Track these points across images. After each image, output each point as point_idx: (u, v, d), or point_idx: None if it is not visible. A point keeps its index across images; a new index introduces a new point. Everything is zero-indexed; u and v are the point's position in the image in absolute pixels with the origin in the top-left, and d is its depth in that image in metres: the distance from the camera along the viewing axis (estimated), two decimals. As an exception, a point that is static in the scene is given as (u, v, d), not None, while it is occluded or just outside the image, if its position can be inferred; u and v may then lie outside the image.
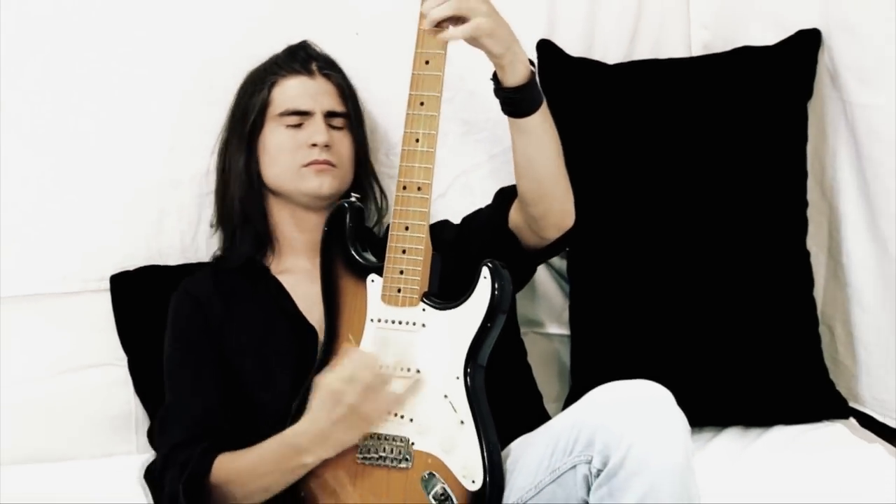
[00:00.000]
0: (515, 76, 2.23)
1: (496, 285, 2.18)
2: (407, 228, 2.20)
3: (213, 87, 2.69)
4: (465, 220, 2.56)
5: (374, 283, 2.23)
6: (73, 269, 2.68)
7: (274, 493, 2.22)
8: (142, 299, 2.66)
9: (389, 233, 2.23)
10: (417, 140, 2.20)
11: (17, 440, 2.65)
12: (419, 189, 2.20)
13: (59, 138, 2.70)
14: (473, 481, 2.11)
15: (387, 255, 2.22)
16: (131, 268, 2.68)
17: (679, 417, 2.05)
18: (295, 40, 2.65)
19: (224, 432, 2.30)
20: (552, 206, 2.36)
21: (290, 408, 2.32)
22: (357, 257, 2.28)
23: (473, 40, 2.19)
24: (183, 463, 2.24)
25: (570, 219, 2.41)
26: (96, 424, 2.69)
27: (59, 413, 2.69)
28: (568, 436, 2.06)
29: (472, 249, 2.36)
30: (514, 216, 2.41)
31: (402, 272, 2.20)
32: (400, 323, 2.20)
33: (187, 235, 2.73)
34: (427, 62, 2.20)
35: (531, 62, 2.28)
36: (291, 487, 2.22)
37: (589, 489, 2.02)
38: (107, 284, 2.67)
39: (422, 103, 2.20)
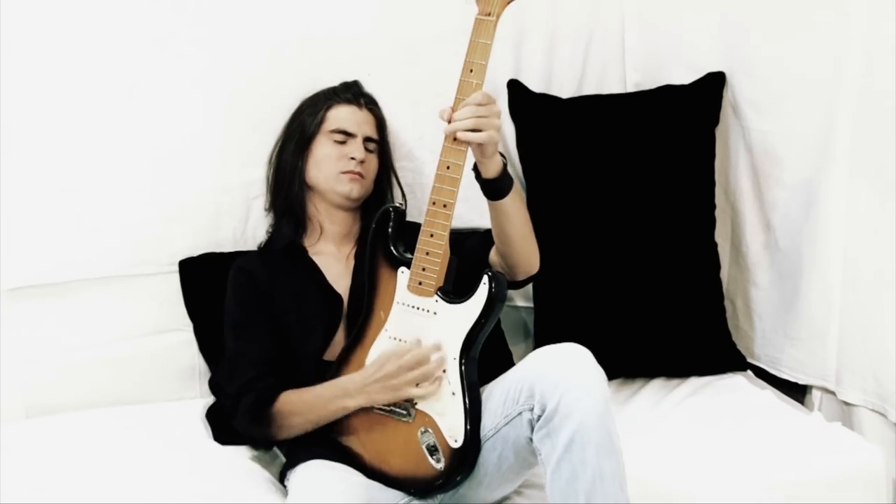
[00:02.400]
0: (490, 172, 2.21)
1: (493, 291, 2.18)
2: (432, 235, 2.19)
3: (256, 114, 2.69)
4: (467, 235, 2.49)
5: (403, 274, 2.24)
6: (149, 256, 2.69)
7: (319, 426, 2.27)
8: (203, 279, 2.68)
9: (419, 237, 2.22)
10: (448, 167, 2.18)
11: (107, 388, 2.67)
12: (445, 206, 2.19)
13: (140, 153, 2.68)
14: (456, 440, 2.15)
15: (414, 255, 2.22)
16: (195, 254, 2.70)
17: (598, 372, 2.09)
18: (320, 80, 2.65)
19: (278, 373, 2.34)
20: (520, 260, 2.34)
21: (321, 353, 2.40)
22: (394, 252, 2.27)
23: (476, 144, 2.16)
24: (256, 391, 2.30)
25: (535, 269, 2.38)
26: (168, 376, 2.71)
27: (139, 367, 2.70)
28: (517, 388, 2.12)
29: (469, 258, 2.34)
30: (493, 257, 2.38)
31: (424, 269, 2.21)
32: (418, 308, 2.21)
33: (238, 230, 2.73)
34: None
35: (503, 157, 2.25)
36: (338, 434, 2.27)
37: (532, 429, 2.09)
38: (176, 268, 2.69)
39: (455, 138, 2.15)
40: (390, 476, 2.23)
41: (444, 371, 2.18)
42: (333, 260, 2.54)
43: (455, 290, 2.23)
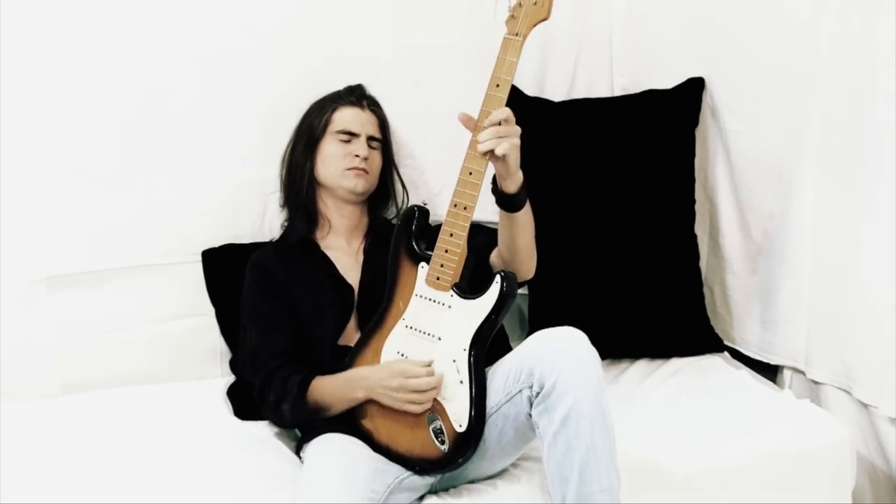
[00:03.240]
0: (511, 188, 2.20)
1: (504, 289, 2.17)
2: (451, 235, 2.19)
3: (271, 118, 2.70)
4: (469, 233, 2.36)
5: (423, 268, 2.23)
6: (175, 247, 2.71)
7: (338, 412, 2.26)
8: (224, 268, 2.70)
9: (439, 235, 2.21)
10: (471, 173, 2.18)
11: (137, 367, 2.70)
12: (465, 209, 2.18)
13: (168, 155, 2.69)
14: (461, 425, 2.14)
15: (434, 251, 2.22)
16: (216, 245, 2.72)
17: (593, 354, 2.10)
18: (330, 86, 2.65)
19: (297, 361, 2.35)
20: (521, 267, 2.33)
21: (335, 339, 2.40)
22: (416, 248, 2.27)
23: (495, 158, 2.15)
24: (285, 378, 2.29)
25: (531, 275, 2.38)
26: (192, 356, 2.73)
27: (166, 348, 2.72)
28: (517, 368, 2.12)
29: (476, 254, 2.30)
30: (494, 258, 2.39)
31: (442, 265, 2.20)
32: (434, 301, 2.21)
33: (255, 223, 2.74)
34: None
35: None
36: (352, 411, 2.26)
37: (531, 405, 2.09)
38: (199, 257, 2.71)
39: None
40: (398, 453, 2.22)
41: (455, 361, 2.17)
42: (343, 254, 2.54)
43: (470, 285, 2.23)
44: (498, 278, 2.19)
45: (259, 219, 2.76)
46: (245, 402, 2.49)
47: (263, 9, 2.74)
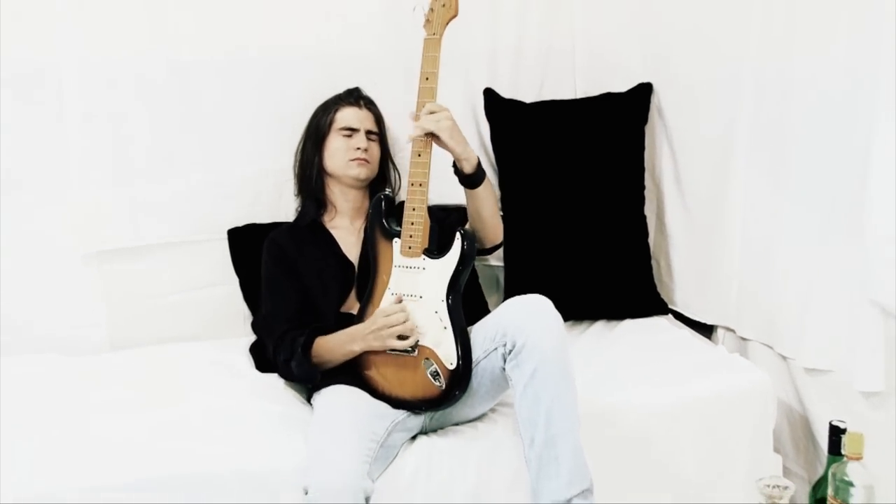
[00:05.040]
0: (468, 168, 2.25)
1: (465, 245, 2.20)
2: (414, 210, 2.22)
3: (284, 117, 2.70)
4: (447, 208, 2.49)
5: (397, 242, 2.24)
6: (205, 226, 2.73)
7: (337, 363, 2.27)
8: (246, 244, 2.69)
9: (404, 212, 2.23)
10: (419, 154, 2.23)
11: (174, 328, 2.72)
12: (420, 185, 2.22)
13: (197, 148, 2.72)
14: (451, 363, 2.16)
15: (402, 227, 2.24)
16: (240, 225, 2.73)
17: (557, 316, 2.11)
18: (334, 88, 2.65)
19: (305, 324, 2.34)
20: (488, 234, 2.37)
21: (338, 307, 2.39)
22: (388, 227, 2.27)
23: (440, 143, 2.21)
24: (293, 340, 2.29)
25: (500, 240, 2.40)
26: (219, 319, 2.75)
27: (198, 311, 2.75)
28: (493, 329, 2.14)
29: (450, 224, 2.31)
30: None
31: (411, 236, 2.22)
32: (410, 267, 2.22)
33: (273, 206, 2.74)
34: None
35: (477, 157, 2.27)
36: (354, 360, 2.25)
37: (505, 361, 2.11)
38: (225, 235, 2.72)
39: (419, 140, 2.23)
40: (403, 399, 2.21)
41: (436, 312, 2.18)
42: (346, 233, 2.53)
43: (438, 247, 2.24)
44: (458, 236, 2.21)
45: (276, 202, 2.76)
46: (264, 357, 2.49)
47: (278, 28, 2.75)
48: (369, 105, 2.64)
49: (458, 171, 2.28)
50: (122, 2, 2.61)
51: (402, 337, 2.18)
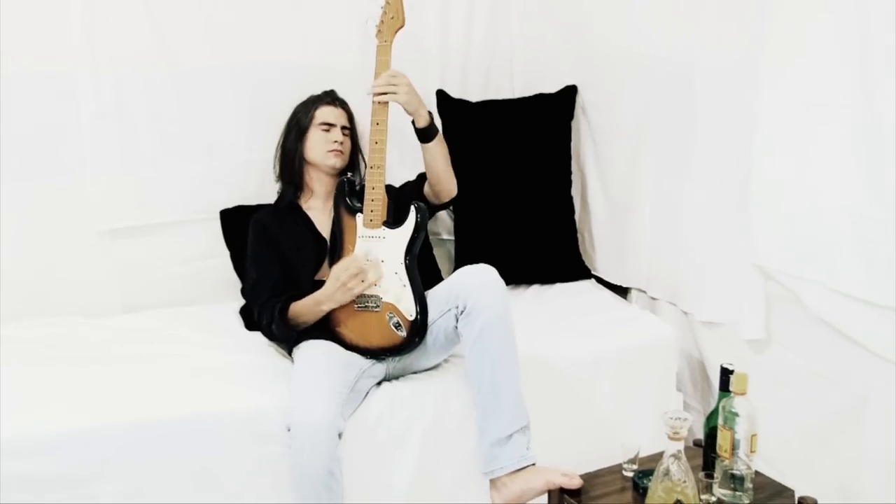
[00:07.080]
0: (420, 122, 2.23)
1: (418, 216, 2.19)
2: (373, 188, 2.21)
3: (269, 115, 2.64)
4: (403, 185, 2.49)
5: (359, 217, 2.22)
6: (201, 207, 2.71)
7: (312, 322, 2.23)
8: (236, 222, 2.67)
9: (365, 190, 2.21)
10: (377, 124, 2.20)
11: (175, 293, 2.70)
12: (378, 167, 2.20)
13: (196, 140, 2.68)
14: (411, 315, 2.15)
15: (364, 202, 2.22)
16: (230, 206, 2.71)
17: (500, 282, 2.10)
18: (315, 91, 2.62)
19: (285, 291, 2.29)
20: (444, 187, 2.33)
21: (313, 275, 2.33)
22: (350, 204, 2.25)
23: (397, 99, 2.17)
24: (272, 307, 2.25)
25: (455, 193, 2.37)
26: (212, 285, 2.72)
27: (195, 279, 2.72)
28: (447, 293, 2.14)
29: (406, 199, 2.28)
30: (426, 189, 2.37)
31: (372, 210, 2.21)
32: (373, 237, 2.21)
33: (260, 191, 2.70)
34: (377, 123, 2.20)
35: (430, 114, 2.24)
36: (327, 319, 2.22)
37: (457, 320, 2.11)
38: (218, 215, 2.71)
39: (377, 123, 2.20)
40: (371, 349, 2.20)
41: (396, 273, 2.17)
42: (320, 213, 2.49)
43: (394, 219, 2.23)
44: (413, 209, 2.20)
45: (260, 188, 2.73)
46: (252, 319, 2.45)
47: (264, 44, 2.73)
48: (343, 105, 2.61)
49: (413, 127, 2.24)
50: (130, 18, 2.59)
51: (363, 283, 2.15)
